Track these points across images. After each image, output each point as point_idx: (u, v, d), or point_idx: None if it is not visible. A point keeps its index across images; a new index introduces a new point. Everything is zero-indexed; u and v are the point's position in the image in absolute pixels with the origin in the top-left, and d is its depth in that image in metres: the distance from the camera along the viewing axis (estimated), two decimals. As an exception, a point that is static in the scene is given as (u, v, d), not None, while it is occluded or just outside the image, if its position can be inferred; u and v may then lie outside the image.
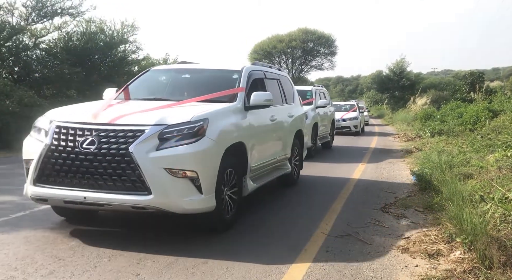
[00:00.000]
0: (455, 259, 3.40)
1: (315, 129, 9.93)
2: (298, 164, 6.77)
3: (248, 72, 5.08)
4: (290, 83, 6.92)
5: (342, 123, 17.15)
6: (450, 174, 5.88)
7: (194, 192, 3.59)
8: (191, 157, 3.54)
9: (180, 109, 4.10)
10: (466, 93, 25.97)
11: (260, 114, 4.95)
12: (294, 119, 6.35)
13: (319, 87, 11.99)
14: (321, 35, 38.88)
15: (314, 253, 3.58)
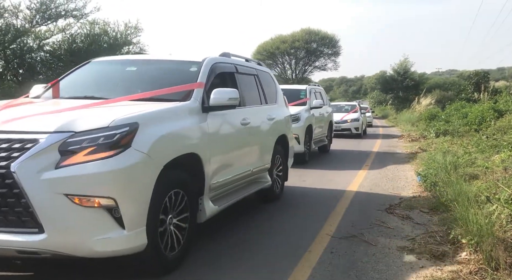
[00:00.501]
0: (461, 260, 3.38)
1: (309, 132, 9.10)
2: (281, 175, 5.72)
3: (211, 65, 4.01)
4: (272, 80, 5.86)
5: (342, 125, 16.18)
6: (456, 174, 5.84)
7: (112, 227, 2.59)
8: (108, 178, 2.54)
9: (102, 110, 3.14)
10: (471, 93, 25.82)
11: (226, 116, 3.96)
12: (276, 122, 5.33)
13: (315, 86, 11.15)
14: (325, 35, 38.88)
15: (318, 254, 3.56)
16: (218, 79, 4.09)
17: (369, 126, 23.58)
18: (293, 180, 6.69)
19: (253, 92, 5.01)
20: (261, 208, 5.19)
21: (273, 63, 40.56)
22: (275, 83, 5.94)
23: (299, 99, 9.44)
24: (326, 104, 11.24)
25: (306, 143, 8.91)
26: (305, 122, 8.73)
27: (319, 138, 10.30)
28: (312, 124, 9.23)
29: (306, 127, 8.78)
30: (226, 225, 4.39)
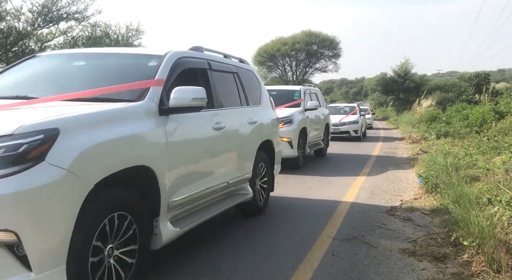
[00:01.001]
0: (463, 262, 3.38)
1: (303, 135, 8.56)
2: (266, 187, 5.05)
3: (176, 60, 3.40)
4: (256, 79, 5.27)
5: (341, 128, 15.52)
6: (457, 176, 5.85)
7: (13, 269, 1.97)
8: (6, 204, 1.92)
9: (15, 113, 2.54)
10: (471, 94, 25.84)
11: (192, 120, 3.39)
12: (259, 126, 4.74)
13: (310, 87, 10.59)
14: (325, 37, 38.99)
15: (320, 256, 3.57)
16: (185, 77, 3.49)
17: (369, 128, 23.07)
18: (288, 186, 6.58)
19: (231, 92, 4.42)
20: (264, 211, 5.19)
21: (273, 65, 40.66)
22: (259, 83, 5.35)
23: (293, 101, 8.96)
24: (322, 106, 10.79)
25: (300, 147, 8.43)
26: (299, 125, 8.24)
27: (314, 141, 9.75)
28: (306, 127, 8.72)
29: (300, 130, 8.30)
30: (225, 225, 4.39)
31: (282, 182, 6.99)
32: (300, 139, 8.35)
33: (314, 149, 9.75)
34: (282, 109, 8.21)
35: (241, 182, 4.35)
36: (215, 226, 4.38)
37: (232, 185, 4.13)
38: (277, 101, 8.73)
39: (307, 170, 8.35)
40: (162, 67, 3.25)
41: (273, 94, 9.33)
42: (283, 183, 6.89)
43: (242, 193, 4.43)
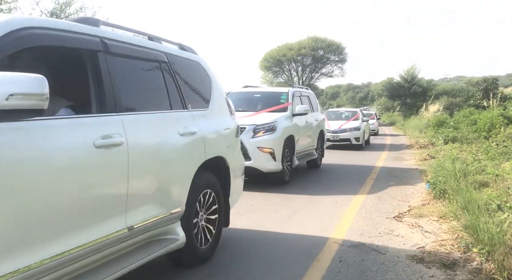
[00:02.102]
0: (472, 269, 3.33)
1: (290, 145, 7.38)
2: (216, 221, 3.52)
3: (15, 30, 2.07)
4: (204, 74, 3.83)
5: (340, 135, 14.10)
6: (465, 182, 5.79)
7: None
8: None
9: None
10: (479, 99, 25.66)
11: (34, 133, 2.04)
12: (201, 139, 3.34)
13: (300, 89, 9.24)
14: (331, 42, 39.06)
15: (327, 263, 3.54)
16: (46, 61, 2.45)
17: (374, 134, 21.56)
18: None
19: (150, 90, 3.15)
20: (267, 216, 5.17)
21: (279, 70, 40.77)
22: (210, 79, 3.93)
23: (279, 104, 7.91)
24: (316, 110, 9.61)
25: (286, 159, 7.24)
26: (284, 132, 7.06)
27: (305, 151, 8.48)
28: (293, 135, 7.52)
29: (285, 138, 7.10)
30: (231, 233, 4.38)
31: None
32: (286, 149, 7.18)
33: (305, 160, 8.50)
34: (264, 114, 7.42)
35: (162, 223, 2.97)
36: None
37: (141, 232, 2.74)
38: (261, 105, 8.02)
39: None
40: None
41: (256, 97, 8.47)
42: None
43: (167, 239, 3.05)
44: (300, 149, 8.03)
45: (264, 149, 6.65)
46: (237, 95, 8.52)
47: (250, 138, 6.67)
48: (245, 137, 6.53)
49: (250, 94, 8.67)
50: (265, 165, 6.69)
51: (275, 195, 6.35)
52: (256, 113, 7.52)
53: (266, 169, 6.73)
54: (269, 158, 6.72)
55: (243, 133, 6.33)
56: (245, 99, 8.42)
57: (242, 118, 6.62)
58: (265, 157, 6.67)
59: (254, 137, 6.70)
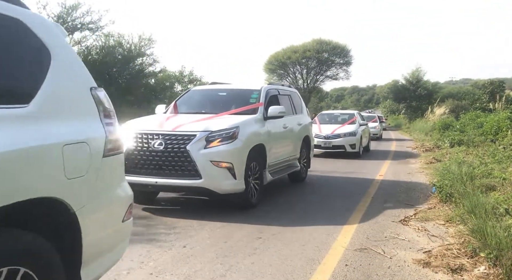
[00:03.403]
0: (480, 274, 3.30)
1: (258, 156, 5.74)
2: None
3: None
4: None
5: (334, 141, 12.34)
6: (472, 185, 5.75)
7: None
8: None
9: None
10: (486, 102, 25.51)
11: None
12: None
13: (278, 86, 7.56)
14: (336, 45, 38.99)
15: (333, 267, 3.53)
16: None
17: (375, 139, 20.05)
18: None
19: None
20: (273, 216, 5.16)
21: (284, 73, 40.76)
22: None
23: (249, 105, 6.31)
24: (300, 112, 7.97)
25: (253, 175, 5.60)
26: (248, 141, 5.44)
27: (284, 162, 6.93)
28: (265, 143, 5.92)
29: (252, 148, 5.49)
30: (241, 238, 4.37)
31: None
32: (253, 163, 5.59)
33: (283, 173, 6.88)
34: (225, 118, 5.77)
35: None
36: (226, 235, 4.37)
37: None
38: (226, 105, 6.40)
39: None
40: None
41: (221, 95, 6.98)
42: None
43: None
44: (275, 161, 6.41)
45: (219, 164, 5.00)
46: (199, 93, 7.27)
47: (201, 149, 5.01)
48: (194, 147, 5.00)
49: (213, 92, 7.15)
50: (221, 184, 5.05)
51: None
52: (214, 116, 5.86)
53: (222, 190, 5.09)
54: (226, 175, 5.04)
55: (191, 143, 5.02)
56: (207, 98, 7.03)
57: (192, 123, 5.41)
58: (221, 173, 5.02)
59: (206, 148, 5.02)
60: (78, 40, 16.60)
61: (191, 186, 5.11)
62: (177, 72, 23.56)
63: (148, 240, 4.19)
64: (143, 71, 19.35)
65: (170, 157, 5.08)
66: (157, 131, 5.26)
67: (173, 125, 5.38)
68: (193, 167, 5.01)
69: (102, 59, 17.17)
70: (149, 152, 5.16)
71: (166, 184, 5.12)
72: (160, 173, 5.09)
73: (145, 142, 5.19)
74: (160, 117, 6.05)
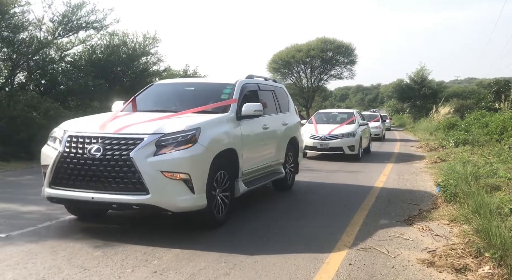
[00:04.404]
0: (484, 274, 3.29)
1: (227, 164, 4.76)
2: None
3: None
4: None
5: (330, 142, 11.40)
6: (476, 185, 5.73)
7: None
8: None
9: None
10: (491, 102, 25.37)
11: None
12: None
13: (259, 80, 6.39)
14: (340, 44, 38.82)
15: (337, 266, 3.53)
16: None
17: (376, 140, 19.19)
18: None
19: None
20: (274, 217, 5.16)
21: (288, 72, 40.68)
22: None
23: (219, 101, 5.33)
24: (286, 111, 6.94)
25: (221, 187, 4.64)
26: (213, 145, 4.42)
27: (265, 169, 5.97)
28: (236, 148, 4.92)
29: (218, 154, 4.49)
30: (242, 235, 4.38)
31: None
32: (221, 172, 4.60)
33: (263, 182, 5.82)
34: (185, 117, 4.74)
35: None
36: (229, 235, 4.38)
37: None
38: (193, 102, 5.37)
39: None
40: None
41: (188, 90, 5.88)
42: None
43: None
44: (252, 168, 5.46)
45: (173, 175, 4.04)
46: (162, 88, 6.11)
47: (149, 156, 4.01)
48: (140, 154, 3.99)
49: (179, 87, 6.09)
50: (175, 200, 4.05)
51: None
52: (173, 114, 4.84)
53: (176, 208, 4.09)
54: (182, 189, 4.07)
55: (136, 148, 3.99)
56: (171, 94, 5.95)
57: (142, 124, 4.38)
58: (175, 187, 4.06)
59: (156, 155, 4.03)
60: (83, 39, 16.64)
61: (135, 203, 3.98)
62: (181, 71, 23.58)
63: (152, 238, 4.23)
64: (147, 70, 19.38)
65: (110, 167, 3.99)
66: (94, 133, 4.22)
67: (118, 126, 4.31)
68: (138, 180, 3.95)
69: (107, 58, 17.21)
70: (84, 160, 4.06)
71: (105, 201, 4.04)
72: (98, 187, 4.04)
73: (80, 147, 4.13)
74: (105, 116, 4.99)
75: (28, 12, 14.62)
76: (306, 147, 11.15)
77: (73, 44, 16.48)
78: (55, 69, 15.43)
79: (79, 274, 3.27)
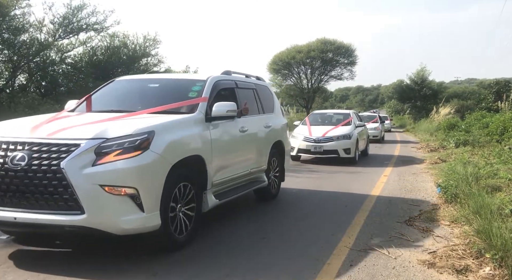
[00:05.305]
0: (485, 275, 3.29)
1: (191, 174, 4.04)
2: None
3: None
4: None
5: (325, 145, 10.66)
6: (477, 186, 5.73)
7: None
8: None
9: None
10: (491, 102, 25.37)
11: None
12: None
13: (236, 77, 5.59)
14: (340, 45, 38.85)
15: (337, 267, 3.53)
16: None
17: (376, 141, 18.48)
18: None
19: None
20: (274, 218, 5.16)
21: (288, 73, 40.69)
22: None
23: (186, 100, 4.58)
24: (270, 111, 6.21)
25: (183, 201, 3.89)
26: (169, 152, 3.65)
27: (243, 178, 5.25)
28: (204, 155, 4.16)
29: (178, 162, 3.72)
30: (243, 238, 4.38)
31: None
32: (180, 184, 3.84)
33: (240, 193, 5.09)
34: (138, 118, 4.00)
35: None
36: (230, 236, 4.39)
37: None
38: (155, 100, 4.64)
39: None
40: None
41: (152, 87, 5.14)
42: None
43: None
44: (225, 177, 4.71)
45: (116, 189, 3.30)
46: (123, 85, 5.33)
47: (85, 166, 3.28)
48: (74, 164, 3.25)
49: (142, 84, 5.33)
50: (118, 221, 3.31)
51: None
52: (126, 115, 4.09)
53: (121, 230, 3.35)
54: (128, 207, 3.34)
55: (69, 157, 3.25)
56: (133, 91, 5.19)
57: (82, 126, 3.67)
58: (119, 204, 3.33)
59: (95, 165, 3.29)
60: (84, 40, 16.69)
61: (68, 224, 3.24)
62: (181, 72, 23.61)
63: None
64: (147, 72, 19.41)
65: (37, 179, 3.23)
66: (21, 138, 3.42)
67: (53, 129, 3.55)
68: (70, 196, 3.21)
69: (107, 60, 17.25)
70: (5, 171, 3.27)
71: (30, 222, 3.26)
72: (22, 204, 3.28)
73: (1, 155, 3.35)
74: (45, 117, 4.20)
75: (29, 14, 14.69)
76: (299, 150, 10.81)
77: (73, 46, 16.53)
78: (55, 71, 15.47)
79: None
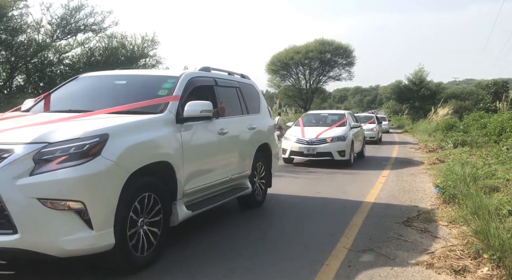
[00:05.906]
0: (483, 276, 3.30)
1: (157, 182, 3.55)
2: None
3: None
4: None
5: (318, 147, 10.20)
6: (475, 186, 5.74)
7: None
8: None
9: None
10: (489, 103, 25.44)
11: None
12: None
13: (216, 74, 5.09)
14: (339, 45, 38.94)
15: (336, 268, 3.53)
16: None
17: (373, 143, 18.10)
18: None
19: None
20: (275, 218, 5.15)
21: (287, 74, 40.75)
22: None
23: (155, 98, 4.04)
24: (256, 112, 5.76)
25: (146, 216, 3.40)
26: (126, 159, 3.13)
27: (223, 184, 4.75)
28: (172, 160, 3.67)
29: (137, 170, 3.22)
30: (238, 235, 4.38)
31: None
32: (143, 194, 3.34)
33: (219, 201, 4.57)
34: (94, 119, 3.53)
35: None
36: (228, 238, 4.38)
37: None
38: (122, 99, 4.17)
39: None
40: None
41: (118, 84, 4.58)
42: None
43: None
44: (199, 185, 4.20)
45: (57, 203, 2.80)
46: (87, 82, 4.81)
47: (21, 176, 2.78)
48: (6, 173, 2.76)
49: (108, 80, 4.78)
50: (59, 241, 2.79)
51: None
52: (79, 116, 3.63)
53: (63, 252, 2.83)
54: (73, 224, 2.84)
55: (0, 165, 2.78)
56: (97, 89, 4.68)
57: (22, 128, 3.20)
58: (61, 221, 2.82)
59: (33, 174, 2.79)
60: (81, 41, 16.66)
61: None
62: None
63: None
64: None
65: None
66: None
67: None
68: (0, 211, 2.73)
69: (105, 60, 17.20)
70: None
71: None
72: None
73: None
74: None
75: (27, 15, 14.63)
76: (292, 153, 10.52)
77: (71, 47, 16.49)
78: (53, 72, 15.44)
79: None
